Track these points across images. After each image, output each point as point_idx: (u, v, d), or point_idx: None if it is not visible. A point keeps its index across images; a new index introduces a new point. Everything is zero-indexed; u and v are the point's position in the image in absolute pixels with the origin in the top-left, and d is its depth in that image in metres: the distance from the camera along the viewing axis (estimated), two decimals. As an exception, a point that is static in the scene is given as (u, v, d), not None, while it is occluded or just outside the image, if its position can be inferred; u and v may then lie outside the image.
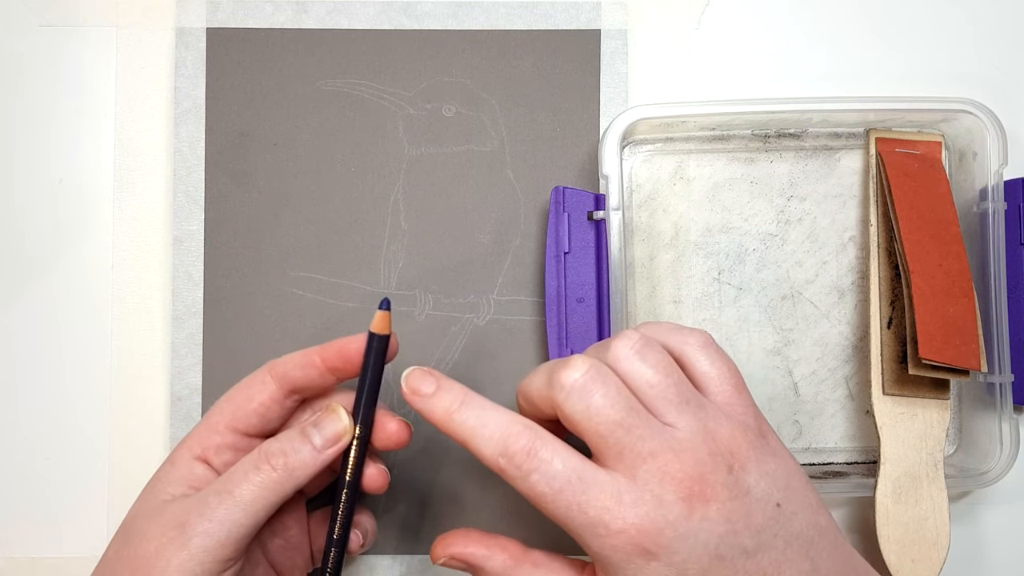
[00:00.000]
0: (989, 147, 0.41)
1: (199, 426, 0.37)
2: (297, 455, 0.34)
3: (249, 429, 0.36)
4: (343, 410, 0.36)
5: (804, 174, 0.44)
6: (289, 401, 0.37)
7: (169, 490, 0.35)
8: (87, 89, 0.44)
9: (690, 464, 0.30)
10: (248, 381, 0.37)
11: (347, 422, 0.36)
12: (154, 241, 0.44)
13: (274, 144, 0.44)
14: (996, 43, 0.45)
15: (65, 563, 0.43)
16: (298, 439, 0.35)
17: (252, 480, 0.34)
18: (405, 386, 0.34)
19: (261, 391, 0.36)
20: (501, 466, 0.31)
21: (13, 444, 0.43)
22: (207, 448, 0.36)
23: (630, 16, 0.44)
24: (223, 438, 0.36)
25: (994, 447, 0.41)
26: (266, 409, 0.36)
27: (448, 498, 0.43)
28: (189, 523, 0.33)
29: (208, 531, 0.33)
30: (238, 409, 0.36)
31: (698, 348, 0.34)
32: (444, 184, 0.44)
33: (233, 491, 0.33)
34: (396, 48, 0.44)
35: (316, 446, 0.35)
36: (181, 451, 0.36)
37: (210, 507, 0.33)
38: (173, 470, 0.36)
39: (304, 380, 0.36)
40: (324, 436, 0.35)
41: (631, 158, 0.44)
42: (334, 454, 0.35)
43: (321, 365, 0.36)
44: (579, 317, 0.41)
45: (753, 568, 0.30)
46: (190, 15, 0.44)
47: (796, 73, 0.45)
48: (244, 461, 0.34)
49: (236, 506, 0.33)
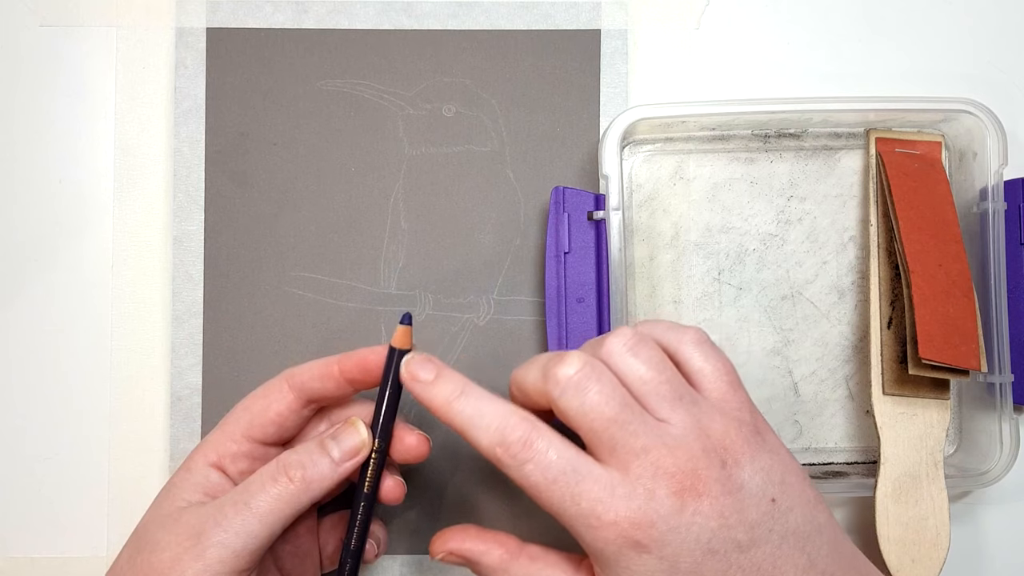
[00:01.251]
0: (989, 147, 0.41)
1: (215, 433, 0.37)
2: (315, 468, 0.34)
3: (266, 438, 0.36)
4: (362, 424, 0.36)
5: (804, 174, 0.44)
6: (306, 410, 0.37)
7: (185, 496, 0.35)
8: (87, 89, 0.44)
9: (683, 459, 0.30)
10: (265, 390, 0.37)
11: (365, 435, 0.36)
12: (154, 241, 0.44)
13: (274, 144, 0.44)
14: (996, 43, 0.45)
15: (65, 563, 0.43)
16: (317, 451, 0.35)
17: (269, 492, 0.34)
18: (404, 371, 0.34)
19: (279, 400, 0.36)
20: (497, 455, 0.32)
21: (13, 444, 0.43)
22: (223, 456, 0.36)
23: (630, 16, 0.44)
24: (239, 446, 0.36)
25: (994, 447, 0.41)
26: (283, 419, 0.36)
27: (452, 500, 0.43)
28: (205, 533, 0.33)
29: (224, 541, 0.33)
30: (255, 418, 0.36)
31: (692, 345, 0.34)
32: (444, 184, 0.44)
33: (250, 502, 0.33)
34: (396, 48, 0.44)
35: (335, 459, 0.35)
36: (196, 458, 0.36)
37: (227, 517, 0.33)
38: (189, 477, 0.36)
39: (322, 390, 0.36)
40: (343, 449, 0.35)
41: (631, 158, 0.44)
42: (352, 467, 0.35)
43: (339, 376, 0.36)
44: (579, 317, 0.41)
45: (747, 563, 0.30)
46: (190, 15, 0.44)
47: (796, 73, 0.45)
48: (262, 472, 0.34)
49: (253, 517, 0.33)
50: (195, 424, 0.43)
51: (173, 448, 0.43)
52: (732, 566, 0.30)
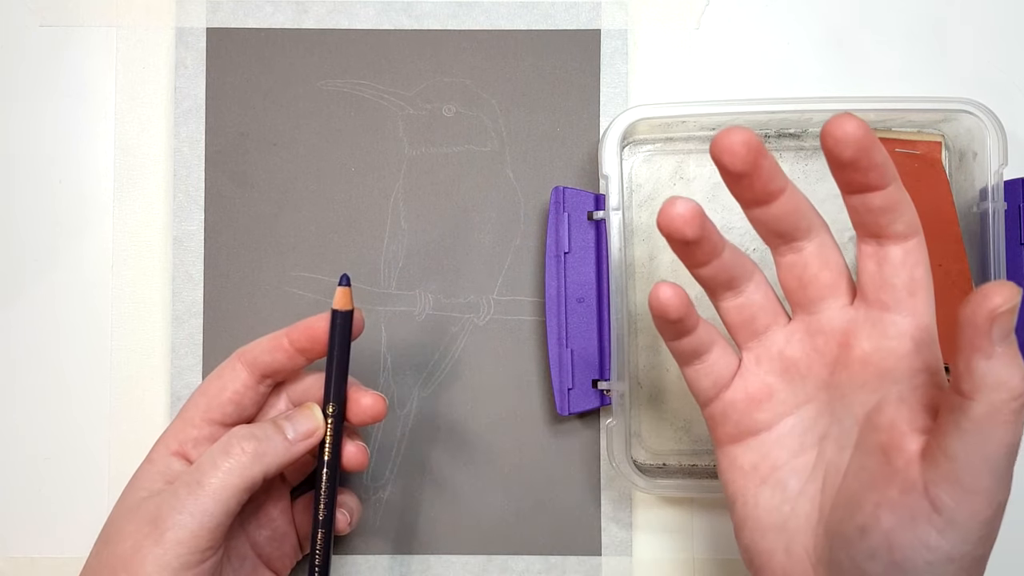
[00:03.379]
0: (989, 147, 0.41)
1: (175, 422, 0.37)
2: (268, 441, 0.35)
3: (225, 419, 0.36)
4: (318, 408, 0.36)
5: (804, 174, 0.44)
6: (262, 387, 0.37)
7: (146, 486, 0.35)
8: (87, 89, 0.44)
9: None
10: (219, 371, 0.37)
11: (321, 420, 0.36)
12: (154, 241, 0.44)
13: (274, 144, 0.44)
14: (996, 43, 0.45)
15: (65, 563, 0.43)
16: (271, 427, 0.35)
17: (220, 466, 0.34)
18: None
19: (233, 379, 0.36)
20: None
21: (13, 444, 0.43)
22: (184, 443, 0.36)
23: (630, 16, 0.44)
24: (199, 431, 0.36)
25: (994, 447, 0.41)
26: (240, 397, 0.36)
27: (448, 497, 0.43)
28: (161, 517, 0.33)
29: (180, 523, 0.33)
30: (212, 400, 0.36)
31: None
32: (444, 184, 0.44)
33: (202, 480, 0.34)
34: (396, 48, 0.44)
35: (288, 438, 0.35)
36: (158, 448, 0.36)
37: (180, 499, 0.33)
38: (151, 468, 0.36)
39: (274, 364, 0.36)
40: (297, 430, 0.36)
41: (631, 158, 0.44)
42: (306, 447, 0.36)
43: (290, 347, 0.36)
44: (579, 317, 0.41)
45: None
46: (190, 15, 0.44)
47: (796, 73, 0.45)
48: (212, 450, 0.35)
49: (205, 495, 0.33)
50: (195, 424, 0.43)
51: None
52: None
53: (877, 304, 0.31)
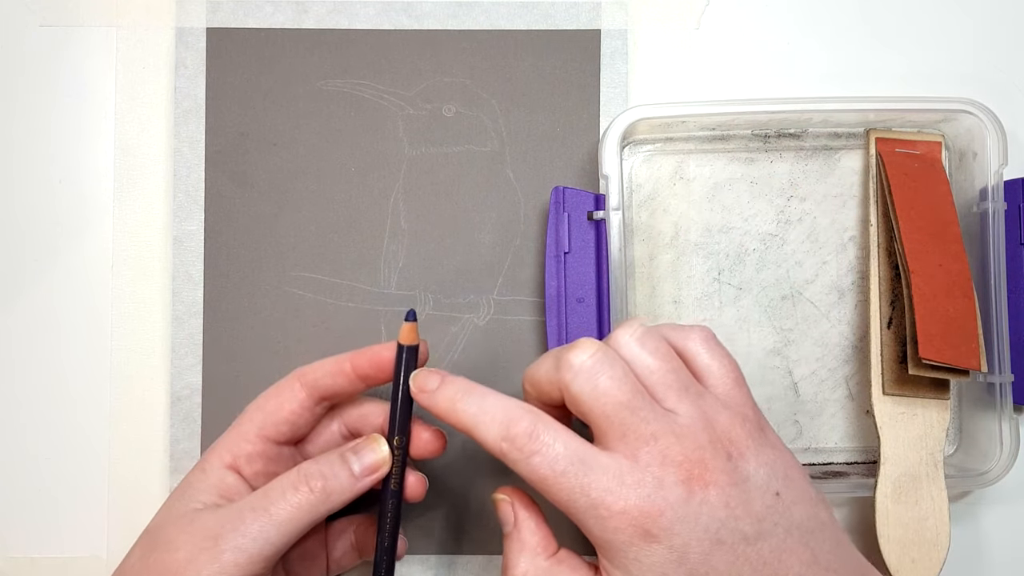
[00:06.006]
0: (989, 147, 0.41)
1: (229, 434, 0.37)
2: (336, 480, 0.35)
3: (279, 437, 0.36)
4: (383, 440, 0.36)
5: (804, 174, 0.44)
6: (318, 408, 0.37)
7: (200, 498, 0.35)
8: (87, 89, 0.44)
9: (690, 448, 0.31)
10: (277, 389, 0.37)
11: (386, 452, 0.36)
12: (154, 241, 0.44)
13: (274, 144, 0.44)
14: (996, 43, 0.45)
15: (65, 563, 0.43)
16: (338, 463, 0.35)
17: (289, 500, 0.34)
18: (413, 385, 0.35)
19: (291, 399, 0.36)
20: (503, 450, 0.32)
21: (13, 444, 0.43)
22: (238, 457, 0.36)
23: (630, 16, 0.44)
24: (253, 447, 0.36)
25: (994, 447, 0.41)
26: (296, 416, 0.36)
27: (448, 498, 0.43)
28: (223, 536, 0.33)
29: (241, 546, 0.33)
30: (268, 417, 0.36)
31: (699, 342, 0.34)
32: (444, 184, 0.44)
33: (269, 508, 0.33)
34: (396, 48, 0.44)
35: (354, 473, 0.35)
36: (212, 459, 0.36)
37: (245, 522, 0.33)
38: (204, 478, 0.36)
39: (334, 387, 0.36)
40: (363, 464, 0.35)
41: (631, 158, 0.44)
42: (371, 483, 0.36)
43: (352, 373, 0.36)
44: (579, 317, 0.41)
45: (754, 555, 0.30)
46: (190, 15, 0.44)
47: (796, 73, 0.45)
48: (282, 479, 0.34)
49: (271, 524, 0.33)
50: (195, 424, 0.43)
51: (173, 448, 0.43)
52: (739, 558, 0.30)
53: None
